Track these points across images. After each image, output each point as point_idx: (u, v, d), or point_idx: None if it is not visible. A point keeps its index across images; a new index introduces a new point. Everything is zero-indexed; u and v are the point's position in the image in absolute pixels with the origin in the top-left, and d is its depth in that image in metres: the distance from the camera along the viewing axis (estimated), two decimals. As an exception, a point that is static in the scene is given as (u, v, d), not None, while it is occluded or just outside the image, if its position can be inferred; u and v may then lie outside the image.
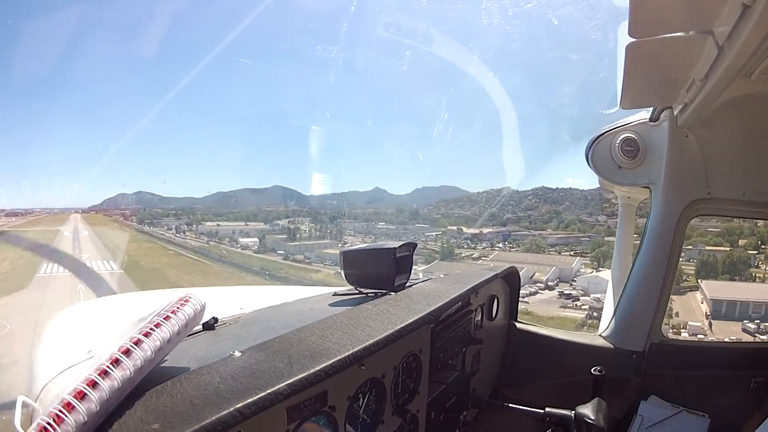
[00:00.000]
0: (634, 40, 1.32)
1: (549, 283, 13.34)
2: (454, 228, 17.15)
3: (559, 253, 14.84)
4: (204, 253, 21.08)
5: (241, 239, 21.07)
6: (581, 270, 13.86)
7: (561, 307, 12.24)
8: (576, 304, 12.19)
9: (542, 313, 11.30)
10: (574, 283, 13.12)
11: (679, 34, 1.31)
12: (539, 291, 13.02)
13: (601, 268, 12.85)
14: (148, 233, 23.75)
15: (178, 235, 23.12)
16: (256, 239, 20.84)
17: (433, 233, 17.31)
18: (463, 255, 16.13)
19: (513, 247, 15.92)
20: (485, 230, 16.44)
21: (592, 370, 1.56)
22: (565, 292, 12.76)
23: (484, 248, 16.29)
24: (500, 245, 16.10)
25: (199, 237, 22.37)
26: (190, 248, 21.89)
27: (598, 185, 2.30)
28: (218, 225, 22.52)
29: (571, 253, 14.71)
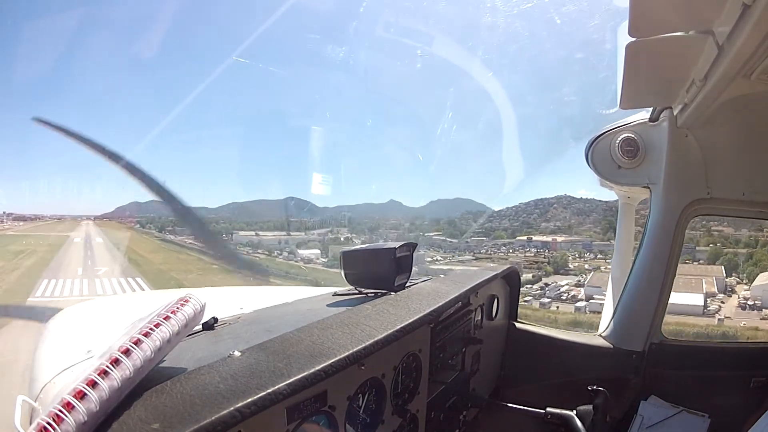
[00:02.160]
0: (633, 39, 1.32)
1: (720, 295, 12.24)
2: (524, 238, 16.08)
3: (698, 263, 13.04)
4: (260, 268, 17.38)
5: (299, 251, 18.30)
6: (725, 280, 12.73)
7: (762, 318, 11.15)
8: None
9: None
10: (746, 293, 11.91)
11: (679, 33, 1.31)
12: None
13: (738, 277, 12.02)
14: (174, 242, 20.85)
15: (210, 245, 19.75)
16: (317, 251, 18.20)
17: (495, 242, 16.12)
18: (584, 268, 13.99)
19: (600, 257, 14.47)
20: (558, 239, 15.33)
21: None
22: (749, 303, 11.45)
23: (574, 257, 14.69)
24: (588, 255, 14.63)
25: (237, 248, 19.26)
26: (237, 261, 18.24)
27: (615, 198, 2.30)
28: (257, 234, 19.69)
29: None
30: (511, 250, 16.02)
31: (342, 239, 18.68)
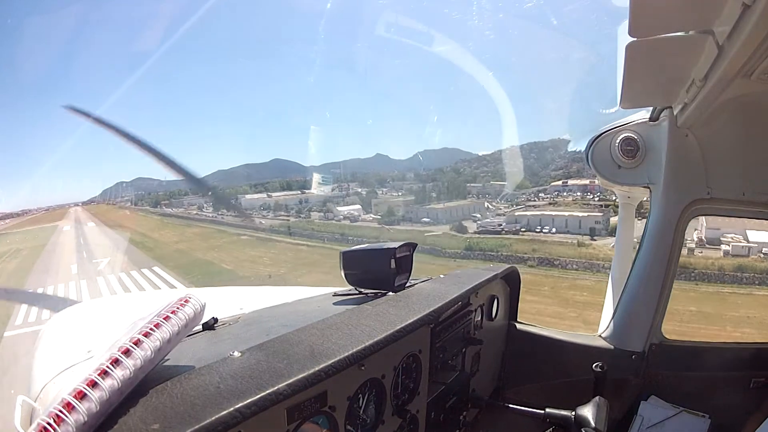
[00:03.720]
0: (634, 39, 1.32)
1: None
2: (559, 183, 16.00)
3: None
4: (306, 233, 14.75)
5: (339, 208, 16.57)
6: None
7: None
8: None
9: None
10: None
11: (679, 33, 1.31)
12: None
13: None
14: (177, 216, 18.74)
15: (219, 214, 18.05)
16: (358, 206, 16.75)
17: (526, 191, 16.07)
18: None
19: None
20: (597, 181, 15.37)
21: (593, 366, 1.57)
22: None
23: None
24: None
25: (250, 213, 17.19)
26: (267, 229, 15.71)
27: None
28: (269, 196, 18.10)
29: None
30: (557, 195, 15.81)
31: (364, 194, 17.98)
